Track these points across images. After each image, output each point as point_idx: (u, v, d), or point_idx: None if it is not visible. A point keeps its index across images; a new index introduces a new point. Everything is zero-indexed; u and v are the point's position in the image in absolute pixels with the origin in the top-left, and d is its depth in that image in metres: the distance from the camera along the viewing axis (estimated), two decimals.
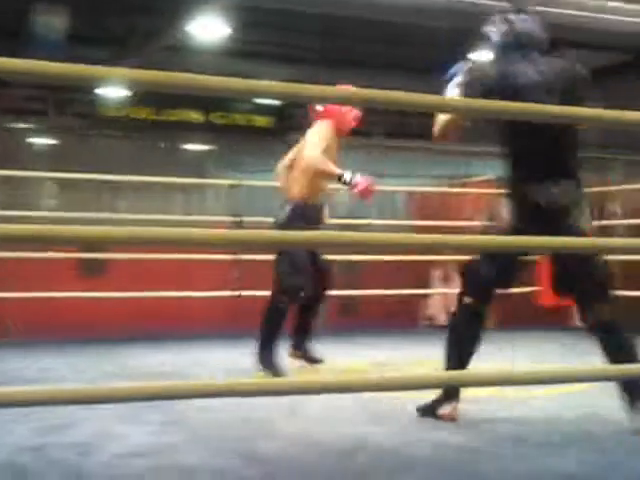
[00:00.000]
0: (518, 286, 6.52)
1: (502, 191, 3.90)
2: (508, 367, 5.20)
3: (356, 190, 4.97)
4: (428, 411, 3.84)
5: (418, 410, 3.87)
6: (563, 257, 3.70)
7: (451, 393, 3.79)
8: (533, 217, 3.64)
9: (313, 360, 5.54)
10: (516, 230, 3.62)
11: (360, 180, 4.98)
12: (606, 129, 7.48)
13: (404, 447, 3.29)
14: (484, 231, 4.15)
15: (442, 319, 9.47)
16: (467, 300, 3.87)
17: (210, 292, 7.47)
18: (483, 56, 3.83)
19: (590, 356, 3.87)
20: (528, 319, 8.22)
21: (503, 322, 7.53)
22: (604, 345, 3.61)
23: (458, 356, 3.83)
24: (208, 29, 7.51)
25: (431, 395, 3.83)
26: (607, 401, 3.89)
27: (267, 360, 5.09)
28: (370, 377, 4.27)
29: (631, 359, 3.49)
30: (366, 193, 4.97)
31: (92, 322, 7.86)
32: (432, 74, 5.04)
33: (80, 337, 7.34)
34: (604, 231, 9.58)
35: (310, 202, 5.26)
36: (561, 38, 7.57)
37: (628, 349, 3.57)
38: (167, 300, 7.69)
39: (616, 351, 3.56)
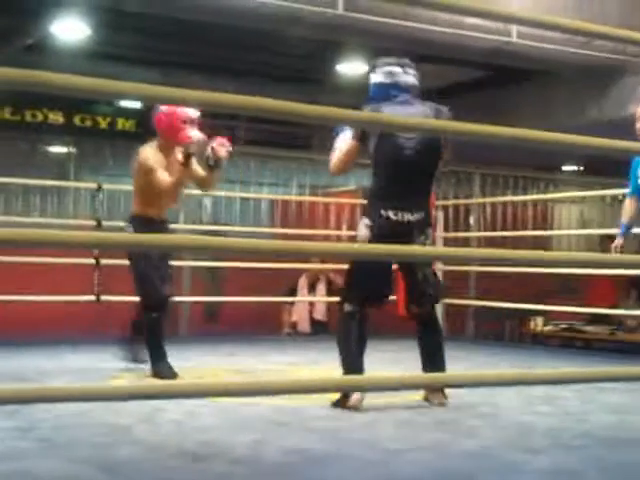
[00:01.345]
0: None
1: (364, 207, 4.49)
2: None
3: (216, 147, 5.08)
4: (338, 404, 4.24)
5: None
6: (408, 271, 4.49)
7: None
8: (391, 237, 4.08)
9: (138, 361, 5.50)
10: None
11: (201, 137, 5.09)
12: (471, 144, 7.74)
13: (262, 454, 3.31)
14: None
15: (306, 326, 9.56)
16: (347, 308, 4.40)
17: (72, 296, 7.34)
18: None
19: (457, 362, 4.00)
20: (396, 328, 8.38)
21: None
22: (420, 336, 4.53)
23: (351, 361, 4.36)
24: (69, 30, 7.36)
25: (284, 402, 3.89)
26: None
27: (163, 369, 5.16)
28: (229, 382, 4.27)
29: (439, 355, 4.47)
30: (222, 147, 5.09)
31: None
32: (304, 84, 5.12)
33: None
34: (462, 242, 9.92)
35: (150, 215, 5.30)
36: (419, 53, 7.84)
37: (438, 346, 4.51)
38: (30, 304, 7.48)
39: (429, 344, 4.50)
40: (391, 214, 4.33)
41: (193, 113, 5.23)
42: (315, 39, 7.33)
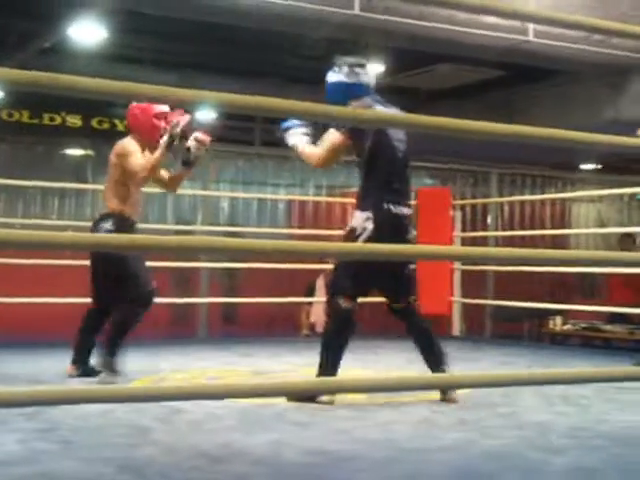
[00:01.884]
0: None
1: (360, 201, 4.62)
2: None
3: (197, 143, 5.16)
4: (309, 398, 4.25)
5: (292, 400, 4.25)
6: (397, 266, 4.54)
7: (328, 374, 4.33)
8: (390, 230, 4.36)
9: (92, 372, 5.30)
10: (376, 240, 4.28)
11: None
12: (488, 143, 7.73)
13: (282, 455, 3.30)
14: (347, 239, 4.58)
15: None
16: (346, 304, 4.45)
17: (77, 298, 7.36)
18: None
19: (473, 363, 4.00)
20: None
21: (384, 330, 7.65)
22: (410, 332, 4.63)
23: (339, 358, 4.44)
24: (85, 33, 7.38)
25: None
26: None
27: (116, 365, 5.10)
28: (247, 383, 4.28)
29: (435, 344, 4.58)
30: (202, 146, 5.18)
31: None
32: (315, 84, 5.13)
33: None
34: (480, 241, 9.90)
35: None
36: (436, 53, 7.84)
37: (430, 336, 4.62)
38: (35, 306, 7.51)
39: (422, 338, 4.59)
40: (392, 207, 4.48)
41: (166, 108, 5.23)
42: (331, 40, 7.33)
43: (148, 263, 7.58)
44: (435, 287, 7.98)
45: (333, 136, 4.59)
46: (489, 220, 10.87)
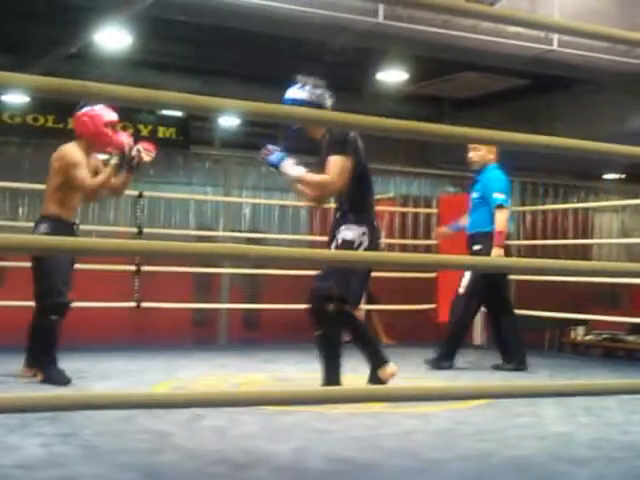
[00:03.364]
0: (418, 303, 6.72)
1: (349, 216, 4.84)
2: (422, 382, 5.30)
3: (143, 151, 5.26)
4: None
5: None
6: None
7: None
8: (377, 245, 4.80)
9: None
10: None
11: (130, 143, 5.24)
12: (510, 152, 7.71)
13: (304, 462, 3.31)
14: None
15: (345, 334, 9.53)
16: (348, 308, 4.85)
17: (109, 303, 7.42)
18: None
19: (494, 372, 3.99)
20: (428, 335, 8.36)
21: (403, 338, 7.65)
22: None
23: (335, 365, 4.77)
24: (111, 38, 7.43)
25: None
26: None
27: (55, 374, 5.10)
28: (269, 390, 4.29)
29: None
30: (149, 153, 5.28)
31: None
32: (341, 92, 5.16)
33: None
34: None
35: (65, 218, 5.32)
36: (459, 61, 7.82)
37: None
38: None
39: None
40: (375, 223, 4.88)
41: (114, 116, 5.31)
42: (354, 47, 7.34)
43: (167, 268, 7.64)
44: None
45: (341, 161, 4.70)
46: (511, 229, 10.84)
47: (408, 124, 2.55)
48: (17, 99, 8.93)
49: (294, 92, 4.83)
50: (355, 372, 4.95)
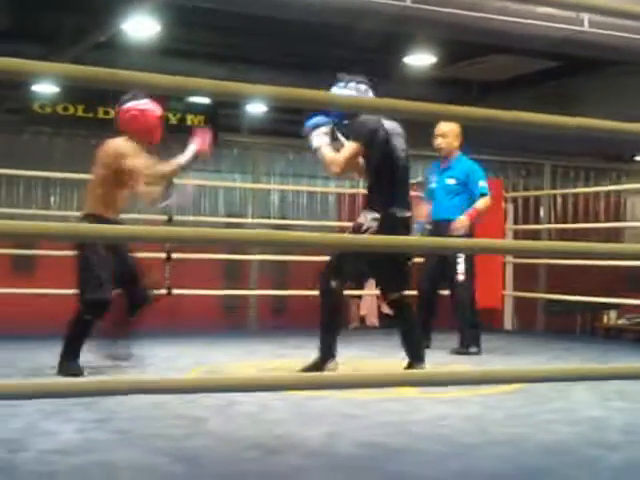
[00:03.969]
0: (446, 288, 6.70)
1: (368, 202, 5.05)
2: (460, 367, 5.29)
3: (197, 150, 5.10)
4: (311, 369, 4.81)
5: (302, 370, 4.76)
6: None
7: (327, 354, 4.96)
8: (393, 230, 4.67)
9: (120, 357, 5.29)
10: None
11: (197, 145, 5.10)
12: (541, 135, 7.66)
13: (336, 447, 3.32)
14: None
15: (374, 320, 9.55)
16: (334, 284, 4.96)
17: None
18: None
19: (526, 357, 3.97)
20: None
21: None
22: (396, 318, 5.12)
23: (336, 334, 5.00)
24: (139, 27, 7.45)
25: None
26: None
27: (70, 368, 4.94)
28: (303, 375, 4.30)
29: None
30: (204, 148, 5.12)
31: (23, 318, 7.77)
32: (371, 76, 5.17)
33: (10, 333, 7.21)
34: (532, 234, 9.81)
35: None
36: (489, 44, 7.76)
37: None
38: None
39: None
40: (397, 211, 4.92)
41: (160, 112, 5.22)
42: (383, 31, 7.30)
43: (195, 255, 7.65)
44: (487, 281, 7.90)
45: (351, 147, 4.96)
46: (542, 213, 10.77)
47: (439, 107, 2.54)
48: (47, 89, 8.99)
49: (338, 91, 4.94)
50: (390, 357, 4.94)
